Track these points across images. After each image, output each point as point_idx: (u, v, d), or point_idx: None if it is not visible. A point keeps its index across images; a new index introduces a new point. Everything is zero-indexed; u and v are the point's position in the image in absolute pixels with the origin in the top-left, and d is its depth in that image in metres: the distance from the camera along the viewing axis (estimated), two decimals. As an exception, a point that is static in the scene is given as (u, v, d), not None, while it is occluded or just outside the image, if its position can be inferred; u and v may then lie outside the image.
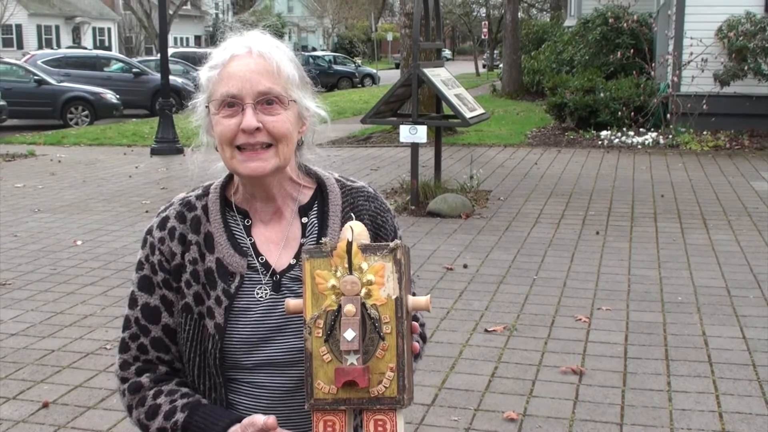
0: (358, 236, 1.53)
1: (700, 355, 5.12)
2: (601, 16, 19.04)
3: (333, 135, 17.37)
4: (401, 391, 1.48)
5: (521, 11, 40.74)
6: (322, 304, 1.51)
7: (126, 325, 1.77)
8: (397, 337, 1.48)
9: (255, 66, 1.65)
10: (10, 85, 19.55)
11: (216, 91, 1.66)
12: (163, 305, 1.74)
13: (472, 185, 10.35)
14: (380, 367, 1.49)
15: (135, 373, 1.75)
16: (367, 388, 1.48)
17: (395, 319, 1.49)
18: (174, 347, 1.75)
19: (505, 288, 6.55)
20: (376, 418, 1.49)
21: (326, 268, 1.51)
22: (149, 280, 1.75)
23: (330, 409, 1.50)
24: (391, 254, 1.50)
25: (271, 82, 1.65)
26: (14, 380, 4.83)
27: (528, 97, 25.60)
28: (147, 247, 1.76)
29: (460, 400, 4.50)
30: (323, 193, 1.80)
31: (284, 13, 67.61)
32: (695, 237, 8.12)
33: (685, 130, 14.76)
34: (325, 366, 1.50)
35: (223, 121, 1.66)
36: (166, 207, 1.80)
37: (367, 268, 1.50)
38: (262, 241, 1.75)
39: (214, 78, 1.68)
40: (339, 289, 1.50)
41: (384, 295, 1.49)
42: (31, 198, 10.59)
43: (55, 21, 49.32)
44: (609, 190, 10.60)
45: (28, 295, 6.46)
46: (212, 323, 1.69)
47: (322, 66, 40.77)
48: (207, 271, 1.72)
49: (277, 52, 1.68)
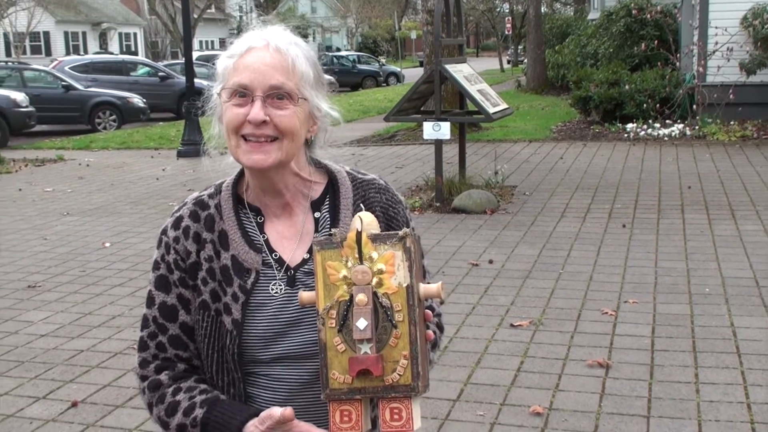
0: (367, 226, 1.53)
1: (728, 346, 5.08)
2: (624, 8, 18.92)
3: (358, 134, 17.42)
4: (415, 378, 1.48)
5: (544, 6, 40.60)
6: (334, 294, 1.52)
7: (144, 324, 1.79)
8: (410, 325, 1.49)
9: (270, 60, 1.65)
10: (38, 92, 19.76)
11: (229, 79, 1.68)
12: (180, 303, 1.76)
13: (497, 181, 10.32)
14: (394, 355, 1.49)
15: (154, 370, 1.77)
16: (382, 377, 1.49)
17: (407, 307, 1.49)
18: (192, 344, 1.77)
19: (531, 282, 6.53)
20: (392, 406, 1.50)
21: (337, 259, 1.52)
22: (166, 279, 1.76)
23: (346, 398, 1.51)
24: (401, 242, 1.50)
25: (284, 77, 1.65)
26: (44, 380, 4.89)
27: (553, 91, 25.48)
28: (162, 246, 1.78)
29: (485, 395, 4.49)
30: (335, 187, 1.80)
31: (308, 14, 67.76)
32: (723, 228, 8.04)
33: (711, 121, 14.62)
34: (340, 356, 1.51)
35: (233, 109, 1.67)
36: (180, 207, 1.82)
37: (378, 258, 1.50)
38: (275, 238, 1.76)
39: (229, 67, 1.69)
40: (350, 279, 1.51)
41: (395, 284, 1.50)
42: (60, 202, 10.71)
43: (82, 27, 49.77)
44: (635, 183, 10.53)
45: (58, 297, 6.54)
46: (229, 319, 1.70)
47: (347, 66, 40.82)
48: (222, 269, 1.73)
49: (294, 48, 1.69)
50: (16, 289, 6.80)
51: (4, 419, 4.41)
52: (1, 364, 5.16)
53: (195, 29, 36.06)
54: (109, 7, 53.42)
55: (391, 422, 1.50)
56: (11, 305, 6.37)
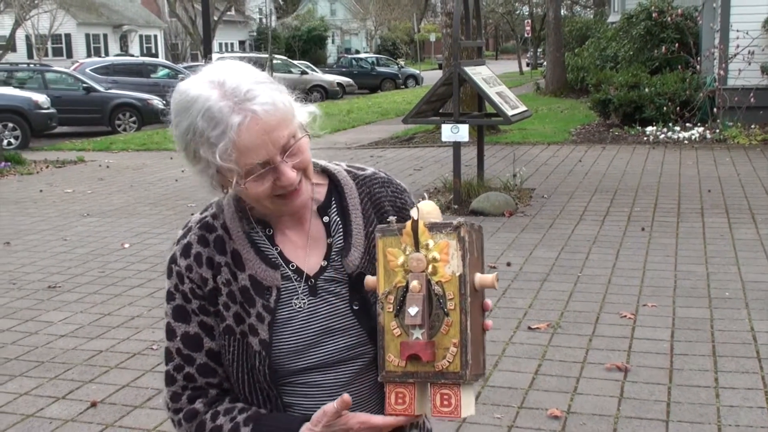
0: (427, 215, 1.55)
1: (748, 350, 5.04)
2: (645, 11, 18.82)
3: (376, 136, 17.44)
4: (464, 366, 1.50)
5: (564, 8, 40.48)
6: (393, 280, 1.55)
7: (168, 358, 1.73)
8: (461, 314, 1.51)
9: (265, 125, 1.54)
10: (59, 93, 19.92)
11: (238, 162, 1.55)
12: (203, 331, 1.70)
13: (516, 183, 10.30)
14: (444, 342, 1.52)
15: (187, 401, 1.71)
16: (432, 363, 1.51)
17: (459, 296, 1.51)
18: (220, 369, 1.72)
19: (549, 285, 6.51)
20: (442, 392, 1.53)
21: (397, 245, 1.55)
22: (183, 309, 1.71)
23: (400, 381, 1.54)
24: (455, 232, 1.52)
25: (286, 129, 1.57)
26: (63, 380, 4.93)
27: (572, 94, 25.39)
28: (174, 276, 1.72)
29: (503, 398, 4.48)
30: (338, 188, 1.77)
31: (327, 16, 67.83)
32: (743, 232, 7.99)
33: (732, 124, 14.52)
34: (395, 340, 1.54)
35: (260, 185, 1.59)
36: (185, 233, 1.76)
37: (433, 246, 1.53)
38: (288, 248, 1.72)
39: (225, 155, 1.54)
40: (407, 266, 1.54)
41: (449, 272, 1.52)
42: (80, 203, 10.78)
43: (103, 30, 50.07)
44: (655, 186, 10.48)
45: (77, 298, 6.58)
46: (256, 340, 1.66)
47: (366, 68, 40.91)
48: (242, 290, 1.68)
49: (264, 90, 1.56)
50: (36, 289, 6.85)
51: (24, 419, 4.44)
52: (22, 364, 5.20)
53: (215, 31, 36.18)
54: (130, 9, 53.73)
55: (440, 407, 1.53)
56: (32, 305, 6.42)
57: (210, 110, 1.54)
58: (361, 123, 20.94)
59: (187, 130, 1.58)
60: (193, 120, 1.56)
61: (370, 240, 1.73)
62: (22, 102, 17.64)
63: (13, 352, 5.43)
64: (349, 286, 1.70)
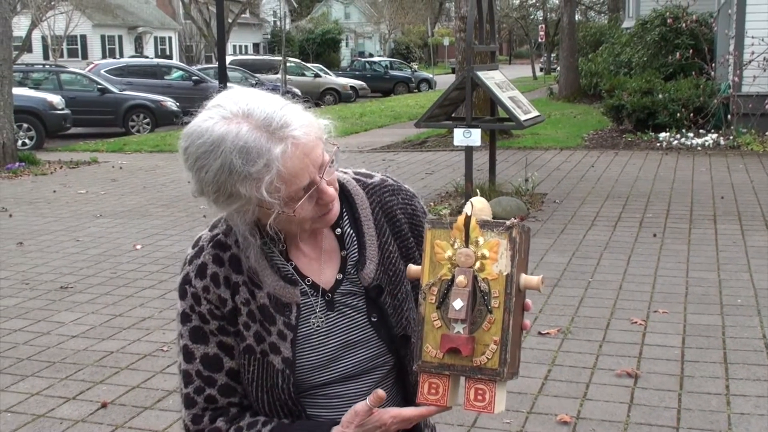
0: (479, 212, 1.57)
1: (760, 358, 5.02)
2: (659, 17, 18.78)
3: (388, 139, 17.45)
4: (502, 364, 1.52)
5: (578, 14, 40.39)
6: (438, 272, 1.56)
7: (187, 381, 1.69)
8: (504, 312, 1.52)
9: (305, 147, 1.51)
10: (74, 94, 20.04)
11: (284, 195, 1.52)
12: (222, 351, 1.67)
13: (528, 188, 10.29)
14: (485, 338, 1.53)
15: (209, 422, 1.68)
16: (471, 357, 1.53)
17: (504, 295, 1.52)
18: (240, 387, 1.70)
19: (560, 291, 6.49)
20: (477, 387, 1.54)
21: (445, 239, 1.56)
22: (201, 331, 1.67)
23: (435, 372, 1.56)
24: (507, 232, 1.54)
25: (319, 147, 1.56)
26: (74, 381, 4.95)
27: (585, 99, 25.33)
28: (189, 297, 1.67)
29: (512, 403, 4.47)
30: (348, 199, 1.74)
31: (341, 20, 67.94)
32: (756, 239, 7.95)
33: (746, 131, 14.47)
34: (435, 331, 1.55)
35: (304, 211, 1.57)
36: (197, 252, 1.70)
37: (483, 243, 1.54)
38: (303, 263, 1.69)
39: (272, 188, 1.50)
40: (455, 260, 1.55)
41: (496, 271, 1.53)
42: (93, 204, 10.83)
43: (118, 31, 50.28)
44: (667, 193, 10.44)
45: (89, 299, 6.61)
46: (279, 358, 1.65)
47: (379, 71, 40.95)
48: (261, 308, 1.66)
49: (296, 114, 1.53)
50: (48, 290, 6.88)
51: (35, 419, 4.46)
52: (33, 365, 5.23)
53: (229, 34, 36.27)
54: (146, 11, 53.94)
55: (474, 402, 1.54)
56: (43, 306, 6.45)
57: (247, 145, 1.48)
58: (374, 126, 20.96)
59: (219, 172, 1.50)
60: (227, 159, 1.48)
61: (384, 251, 1.72)
62: (37, 103, 17.75)
63: (25, 352, 5.46)
64: (365, 298, 1.69)
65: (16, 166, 14.11)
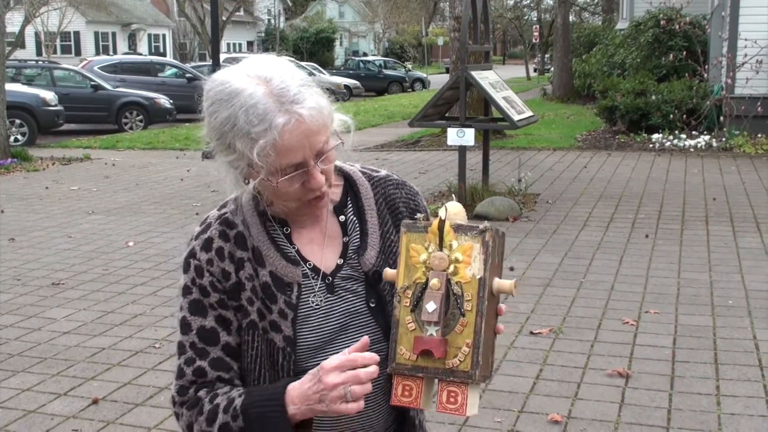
0: (454, 216, 1.59)
1: (750, 359, 5.04)
2: (653, 19, 18.81)
3: (382, 139, 17.45)
4: (474, 366, 1.53)
5: (572, 15, 40.46)
6: (413, 276, 1.59)
7: (181, 351, 1.72)
8: (477, 316, 1.54)
9: (308, 129, 1.56)
10: (67, 91, 19.99)
11: (273, 163, 1.57)
12: (219, 325, 1.69)
13: (521, 188, 10.30)
14: (458, 341, 1.55)
15: (194, 393, 1.70)
16: (443, 360, 1.55)
17: (477, 298, 1.54)
18: (235, 365, 1.71)
19: (552, 291, 6.51)
20: (449, 389, 1.56)
21: (421, 242, 1.59)
22: (200, 303, 1.70)
23: (409, 374, 1.58)
24: (480, 236, 1.56)
25: (324, 135, 1.60)
26: (66, 377, 4.94)
27: (579, 100, 25.39)
28: (192, 270, 1.71)
29: (504, 402, 4.48)
30: (353, 188, 1.80)
31: (335, 19, 67.89)
32: (747, 240, 7.98)
33: (739, 133, 14.50)
34: (409, 334, 1.58)
35: (290, 184, 1.61)
36: (204, 228, 1.74)
37: (456, 247, 1.56)
38: (305, 247, 1.74)
39: (263, 153, 1.55)
40: (429, 263, 1.57)
41: (469, 274, 1.55)
42: (85, 200, 10.81)
43: (112, 28, 50.19)
44: (659, 194, 10.47)
45: (81, 295, 6.60)
46: (280, 336, 1.67)
47: (373, 71, 40.92)
48: (263, 286, 1.69)
49: (312, 96, 1.58)
50: (40, 286, 6.87)
51: (25, 415, 4.45)
52: (24, 360, 5.22)
53: (223, 32, 36.24)
54: (139, 8, 53.84)
55: (446, 404, 1.56)
56: (35, 302, 6.44)
57: (255, 106, 1.55)
58: (368, 126, 20.96)
59: (225, 121, 1.58)
60: (235, 112, 1.56)
61: (386, 239, 1.76)
62: (29, 99, 17.70)
63: (16, 348, 5.45)
64: (365, 284, 1.73)
65: (8, 162, 14.07)
